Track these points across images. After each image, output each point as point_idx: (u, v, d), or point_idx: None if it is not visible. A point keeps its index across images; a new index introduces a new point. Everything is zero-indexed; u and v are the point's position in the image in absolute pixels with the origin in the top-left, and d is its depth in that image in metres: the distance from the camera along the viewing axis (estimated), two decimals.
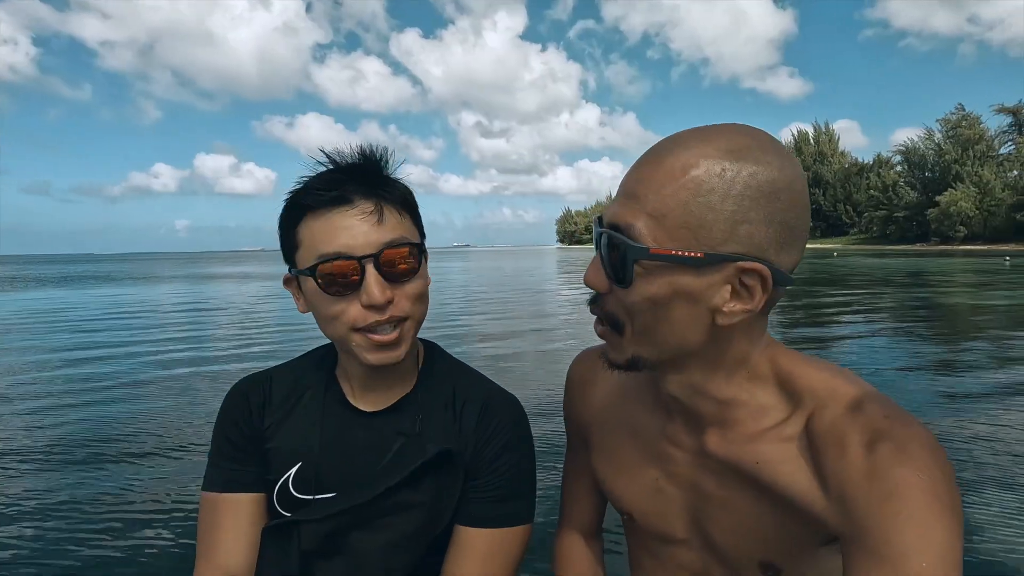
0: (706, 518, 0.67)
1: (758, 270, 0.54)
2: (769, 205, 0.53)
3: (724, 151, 0.53)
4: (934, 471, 0.51)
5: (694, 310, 0.56)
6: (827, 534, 0.59)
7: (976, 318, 8.70)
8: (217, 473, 0.84)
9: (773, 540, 0.63)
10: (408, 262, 0.76)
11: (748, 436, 0.62)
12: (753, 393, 0.62)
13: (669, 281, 0.55)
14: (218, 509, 0.82)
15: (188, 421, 4.01)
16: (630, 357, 0.61)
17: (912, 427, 0.54)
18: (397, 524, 0.80)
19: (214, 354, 6.58)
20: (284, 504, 0.82)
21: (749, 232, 0.53)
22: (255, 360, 6.13)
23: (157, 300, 14.56)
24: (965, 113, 59.81)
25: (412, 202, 0.81)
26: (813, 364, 0.63)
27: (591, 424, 0.82)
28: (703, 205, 0.52)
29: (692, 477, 0.68)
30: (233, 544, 0.81)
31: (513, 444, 0.85)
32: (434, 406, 0.85)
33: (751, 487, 0.62)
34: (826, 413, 0.58)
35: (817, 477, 0.57)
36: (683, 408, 0.67)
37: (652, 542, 0.76)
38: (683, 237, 0.53)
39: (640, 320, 0.58)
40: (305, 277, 0.75)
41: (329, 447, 0.82)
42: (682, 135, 0.56)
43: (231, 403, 0.87)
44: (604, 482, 0.79)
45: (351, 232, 0.72)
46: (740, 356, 0.61)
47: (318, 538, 0.80)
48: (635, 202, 0.55)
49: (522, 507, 0.84)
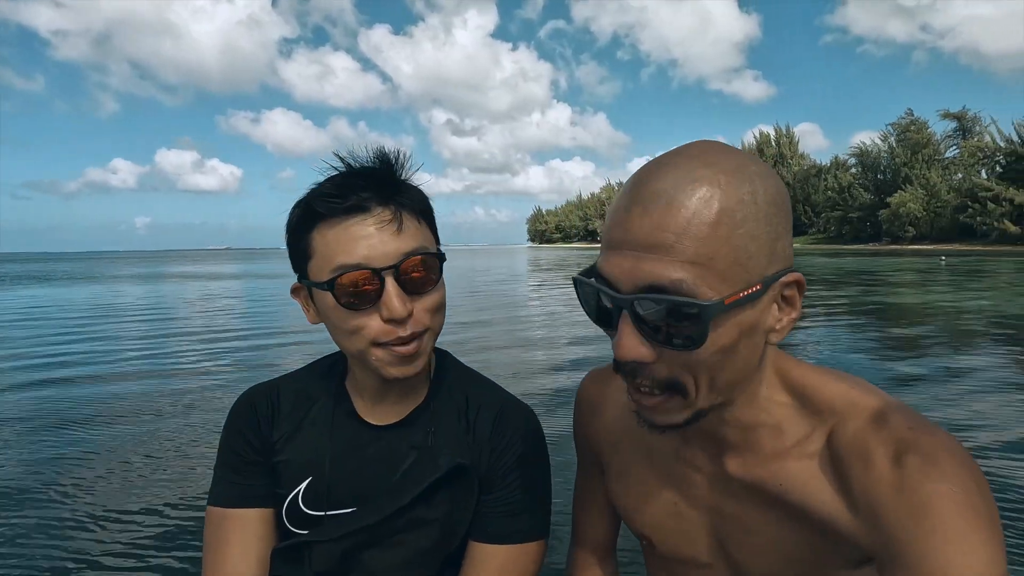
0: (731, 541, 0.66)
1: (796, 280, 0.53)
2: (785, 213, 0.53)
3: (731, 174, 0.50)
4: (967, 482, 0.49)
5: (755, 340, 0.54)
6: (859, 553, 0.57)
7: (898, 313, 9.11)
8: (224, 487, 0.81)
9: (801, 561, 0.61)
10: (428, 272, 0.73)
11: (769, 456, 0.61)
12: (772, 412, 0.61)
13: (737, 323, 0.51)
14: (225, 524, 0.79)
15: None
16: (693, 414, 0.57)
17: (938, 436, 0.52)
18: (412, 541, 0.79)
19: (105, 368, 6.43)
20: (293, 520, 0.80)
21: (783, 246, 0.53)
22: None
23: (73, 301, 14.05)
24: (914, 118, 62.07)
25: (429, 209, 0.78)
26: (827, 375, 0.61)
27: (603, 447, 0.79)
28: (745, 236, 0.49)
29: (712, 500, 0.66)
30: (241, 560, 0.78)
31: (528, 456, 0.83)
32: (447, 417, 0.83)
33: (776, 508, 0.61)
34: (848, 427, 0.56)
35: (843, 494, 0.56)
36: (702, 432, 0.64)
37: (673, 566, 0.74)
38: (735, 275, 0.49)
39: (708, 372, 0.54)
40: (320, 290, 0.71)
41: (339, 462, 0.80)
42: (671, 169, 0.51)
43: (238, 414, 0.84)
44: (620, 506, 0.77)
45: (369, 242, 0.69)
46: (761, 372, 0.59)
47: (331, 559, 0.78)
48: (667, 253, 0.49)
49: (537, 522, 0.82)
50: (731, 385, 0.56)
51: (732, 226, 0.49)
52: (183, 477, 2.96)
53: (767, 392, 0.60)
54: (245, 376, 5.28)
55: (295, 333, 7.73)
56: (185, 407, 4.23)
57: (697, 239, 0.48)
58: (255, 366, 5.76)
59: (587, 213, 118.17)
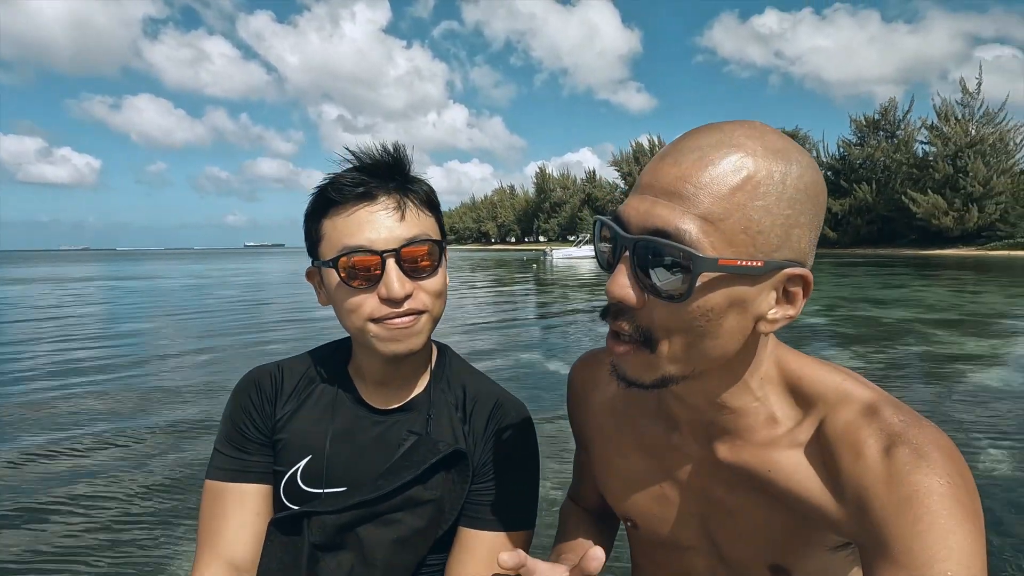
0: (715, 525, 0.67)
1: (803, 276, 0.53)
2: (814, 208, 0.52)
3: (771, 151, 0.51)
4: (954, 476, 0.50)
5: (743, 320, 0.54)
6: (840, 540, 0.59)
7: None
8: (224, 461, 0.84)
9: (784, 544, 0.62)
10: (428, 259, 0.79)
11: (759, 443, 0.62)
12: (764, 400, 0.61)
13: (727, 291, 0.51)
14: (223, 498, 0.82)
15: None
16: (661, 376, 0.56)
17: (928, 430, 0.53)
18: (407, 520, 0.81)
19: None
20: (291, 497, 0.83)
21: (799, 236, 0.52)
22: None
23: None
24: None
25: (435, 201, 0.84)
26: (822, 367, 0.62)
27: (591, 429, 0.81)
28: (761, 209, 0.49)
29: (700, 485, 0.67)
30: (237, 534, 0.81)
31: (520, 448, 0.87)
32: (445, 406, 0.87)
33: (763, 494, 0.61)
34: (839, 417, 0.57)
35: (831, 483, 0.57)
36: (692, 418, 0.65)
37: (656, 549, 0.75)
38: (742, 243, 0.50)
39: (685, 335, 0.53)
40: (327, 269, 0.77)
41: (339, 442, 0.83)
42: (716, 131, 0.52)
43: (242, 391, 0.87)
44: (605, 488, 0.79)
45: (374, 226, 0.75)
46: (755, 362, 0.60)
47: (328, 531, 0.80)
48: (682, 203, 0.50)
49: (525, 512, 0.86)
50: (705, 358, 0.55)
51: (752, 195, 0.49)
52: None
53: (760, 381, 0.61)
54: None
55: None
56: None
57: (714, 196, 0.49)
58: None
59: (480, 215, 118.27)
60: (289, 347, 7.20)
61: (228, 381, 5.34)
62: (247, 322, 10.20)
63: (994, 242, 43.36)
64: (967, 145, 46.15)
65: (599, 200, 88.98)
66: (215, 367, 6.43)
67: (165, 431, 4.20)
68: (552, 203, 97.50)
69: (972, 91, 48.63)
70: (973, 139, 46.32)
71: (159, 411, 4.71)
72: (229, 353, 7.20)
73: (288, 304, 13.13)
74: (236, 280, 23.52)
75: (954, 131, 47.49)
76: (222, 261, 55.70)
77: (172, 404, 4.91)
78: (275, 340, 8.10)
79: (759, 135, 0.52)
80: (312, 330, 8.84)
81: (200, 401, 4.96)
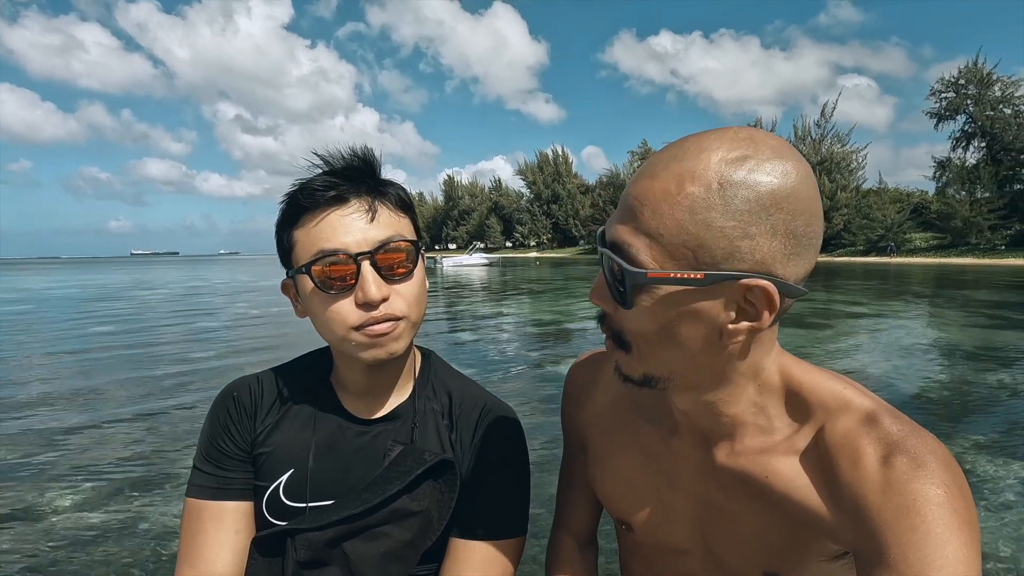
0: (711, 529, 0.67)
1: (762, 287, 0.51)
2: (771, 217, 0.50)
3: (722, 162, 0.51)
4: (951, 486, 0.51)
5: (700, 330, 0.55)
6: (837, 548, 0.59)
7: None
8: (203, 479, 0.82)
9: (780, 551, 0.62)
10: (404, 261, 0.77)
11: (758, 450, 0.62)
12: (763, 407, 0.62)
13: (672, 302, 0.53)
14: (202, 517, 0.80)
15: None
16: (643, 375, 0.60)
17: (926, 440, 0.54)
18: (394, 533, 0.79)
19: None
20: (273, 512, 0.81)
21: (751, 247, 0.51)
22: None
23: None
24: (648, 147, 72.23)
25: (408, 202, 0.82)
26: (823, 375, 0.62)
27: (590, 429, 0.80)
28: (701, 223, 0.50)
29: (697, 489, 0.67)
30: (218, 553, 0.78)
31: (509, 456, 0.85)
32: (430, 414, 0.86)
33: (760, 500, 0.62)
34: (838, 425, 0.58)
35: (829, 490, 0.57)
36: (692, 423, 0.66)
37: (650, 552, 0.76)
38: (683, 256, 0.51)
39: (647, 341, 0.56)
40: (302, 276, 0.75)
41: (322, 454, 0.81)
42: (681, 144, 0.54)
43: (220, 406, 0.85)
44: (601, 489, 0.78)
45: (347, 229, 0.73)
46: (752, 369, 0.60)
47: (313, 548, 0.77)
48: (633, 220, 0.53)
49: (516, 519, 0.83)
50: (675, 363, 0.57)
51: (690, 211, 0.50)
52: None
53: (759, 387, 0.61)
54: None
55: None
56: None
57: (656, 213, 0.51)
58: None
59: None
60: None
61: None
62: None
63: (839, 249, 50.00)
64: (817, 163, 52.31)
65: (505, 208, 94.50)
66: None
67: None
68: (460, 211, 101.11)
69: (827, 114, 54.71)
70: (824, 157, 52.98)
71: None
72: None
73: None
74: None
75: (807, 150, 53.65)
76: (93, 272, 46.92)
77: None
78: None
79: (719, 146, 0.51)
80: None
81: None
